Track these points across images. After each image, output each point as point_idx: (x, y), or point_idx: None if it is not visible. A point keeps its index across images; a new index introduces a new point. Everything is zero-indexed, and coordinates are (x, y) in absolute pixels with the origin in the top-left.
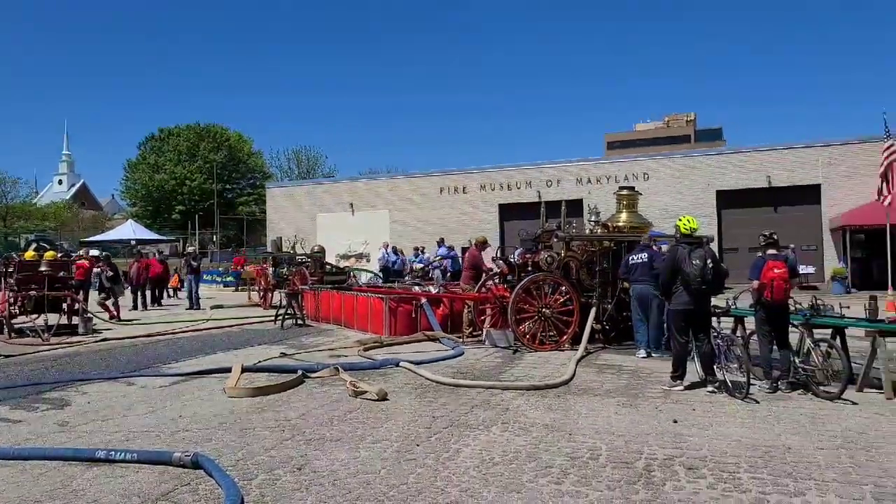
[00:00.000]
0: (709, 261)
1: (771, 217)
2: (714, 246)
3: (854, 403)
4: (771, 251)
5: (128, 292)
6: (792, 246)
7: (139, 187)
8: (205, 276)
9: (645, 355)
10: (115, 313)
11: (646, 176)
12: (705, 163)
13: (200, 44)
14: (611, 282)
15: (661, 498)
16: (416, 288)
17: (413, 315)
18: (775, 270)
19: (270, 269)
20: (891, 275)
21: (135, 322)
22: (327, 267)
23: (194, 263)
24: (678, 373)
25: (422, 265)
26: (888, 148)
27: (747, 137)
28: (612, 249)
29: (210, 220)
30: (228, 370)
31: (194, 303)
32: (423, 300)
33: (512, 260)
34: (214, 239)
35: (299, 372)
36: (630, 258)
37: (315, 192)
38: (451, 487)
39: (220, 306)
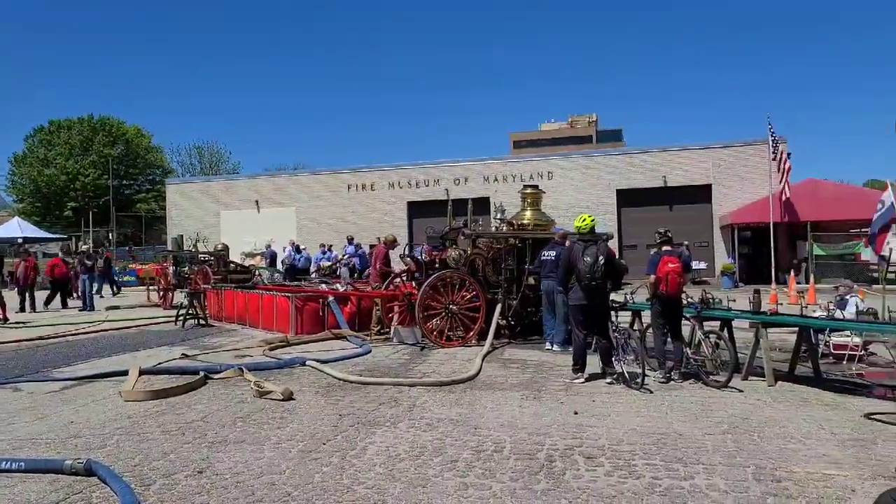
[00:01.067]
0: (600, 257)
1: (666, 215)
2: (614, 243)
3: (739, 391)
4: (666, 247)
5: (14, 293)
6: (686, 243)
7: (27, 182)
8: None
9: (550, 347)
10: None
11: (550, 175)
12: (606, 163)
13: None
14: (516, 278)
15: (562, 487)
16: (323, 286)
17: (320, 313)
18: (670, 265)
19: (171, 268)
20: (774, 269)
21: (23, 324)
22: (231, 265)
23: (88, 263)
24: (579, 365)
25: (329, 263)
26: (780, 151)
27: (645, 138)
28: (517, 246)
29: (106, 217)
30: (125, 373)
31: (88, 304)
32: (330, 298)
33: (419, 257)
34: (110, 237)
35: (201, 373)
36: (542, 254)
37: (219, 188)
38: (357, 485)
39: (117, 307)
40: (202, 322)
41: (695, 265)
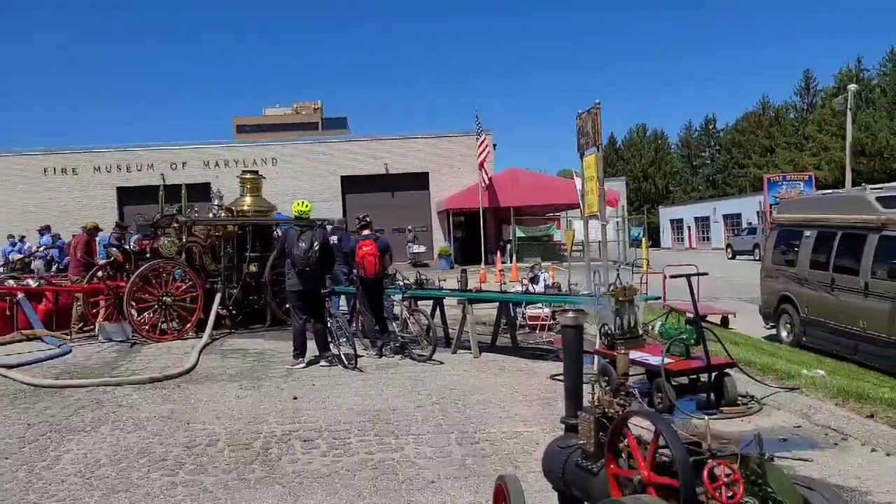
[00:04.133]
0: (315, 243)
1: (389, 201)
2: None
3: (441, 363)
4: (365, 232)
5: None
6: (410, 227)
7: None
8: None
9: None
10: None
11: (274, 161)
12: (331, 149)
13: None
14: (236, 266)
15: (277, 472)
16: (12, 281)
17: (7, 313)
18: (364, 248)
19: None
20: (484, 251)
21: None
22: None
23: None
24: (299, 350)
25: (21, 255)
26: (482, 142)
27: (370, 127)
28: (237, 234)
29: None
30: None
31: None
32: (20, 295)
33: (128, 247)
34: None
35: None
36: None
37: None
38: (47, 499)
39: None
40: None
41: (415, 249)
